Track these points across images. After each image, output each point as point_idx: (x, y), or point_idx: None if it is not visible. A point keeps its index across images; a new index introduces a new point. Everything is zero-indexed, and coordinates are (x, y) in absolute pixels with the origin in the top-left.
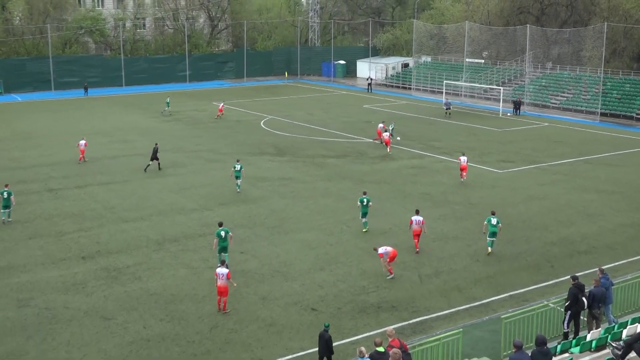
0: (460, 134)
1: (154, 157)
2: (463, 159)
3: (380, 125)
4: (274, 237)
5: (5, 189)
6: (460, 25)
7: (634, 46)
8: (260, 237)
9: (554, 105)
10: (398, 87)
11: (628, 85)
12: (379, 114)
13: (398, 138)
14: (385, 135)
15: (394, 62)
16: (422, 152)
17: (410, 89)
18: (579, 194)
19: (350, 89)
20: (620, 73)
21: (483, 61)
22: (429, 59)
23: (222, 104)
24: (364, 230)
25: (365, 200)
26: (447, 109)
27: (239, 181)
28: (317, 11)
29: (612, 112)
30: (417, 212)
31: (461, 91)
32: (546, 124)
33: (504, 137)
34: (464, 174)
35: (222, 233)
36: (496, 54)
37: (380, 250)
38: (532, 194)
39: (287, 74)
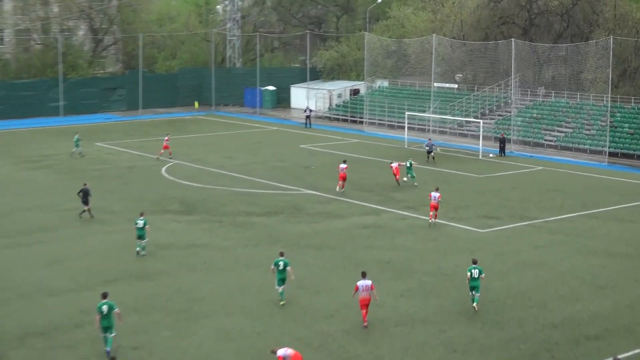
0: (428, 182)
1: (85, 200)
2: (435, 195)
3: (394, 165)
4: (180, 325)
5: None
6: (426, 40)
7: None
8: (160, 325)
9: (549, 143)
10: (346, 120)
11: None
12: (322, 157)
13: (405, 179)
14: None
15: (340, 88)
16: (379, 206)
17: (361, 122)
18: (585, 258)
19: (282, 124)
20: (633, 101)
21: (456, 86)
22: (385, 83)
23: (167, 136)
24: (280, 302)
25: (281, 263)
26: (429, 153)
27: (142, 242)
28: (237, 21)
29: (624, 151)
30: (364, 275)
31: (429, 126)
32: (539, 167)
33: (486, 185)
34: (435, 213)
35: (104, 308)
36: (473, 77)
37: (280, 352)
38: (524, 259)
39: (198, 104)
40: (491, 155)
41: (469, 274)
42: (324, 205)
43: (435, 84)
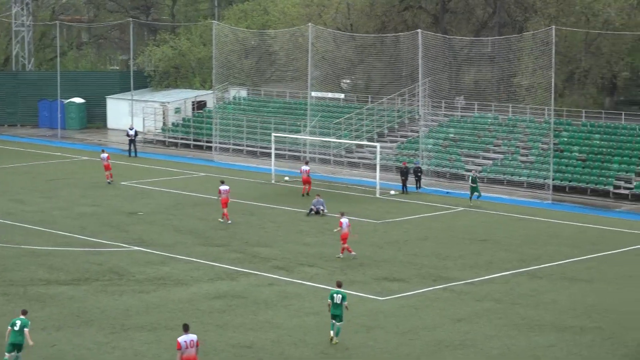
0: (305, 232)
1: None
2: (344, 221)
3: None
4: None
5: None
6: (300, 32)
7: (604, 67)
8: None
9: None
10: (187, 145)
11: (597, 135)
12: (154, 198)
13: (470, 203)
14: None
15: (179, 100)
16: (237, 267)
17: (210, 148)
18: (524, 335)
19: (95, 151)
20: (584, 115)
21: (343, 96)
22: (243, 93)
23: (105, 154)
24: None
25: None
26: (317, 214)
27: None
28: (27, 4)
29: (573, 184)
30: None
31: (305, 151)
32: (459, 208)
33: (387, 234)
34: (345, 245)
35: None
36: (366, 84)
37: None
38: (440, 338)
39: None
40: (393, 192)
41: (329, 300)
42: (157, 267)
43: (314, 94)
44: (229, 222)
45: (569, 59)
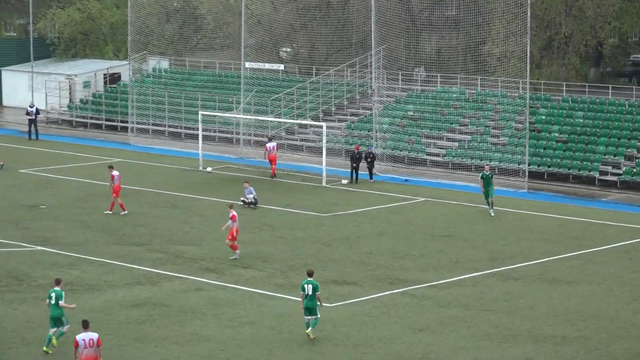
0: (247, 224)
1: None
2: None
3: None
4: None
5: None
6: None
7: (588, 33)
8: None
9: (434, 159)
10: (98, 125)
11: (581, 112)
12: (59, 189)
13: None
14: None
15: (88, 73)
16: (158, 269)
17: (125, 129)
18: (497, 347)
19: None
20: (564, 89)
21: (282, 67)
22: (165, 63)
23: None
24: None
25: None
26: (250, 204)
27: None
28: None
29: (552, 169)
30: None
31: (237, 133)
32: (420, 198)
33: (336, 230)
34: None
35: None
36: (309, 53)
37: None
38: (399, 351)
39: None
40: (344, 181)
41: (302, 291)
42: (64, 270)
43: (248, 65)
44: (125, 212)
45: (547, 23)
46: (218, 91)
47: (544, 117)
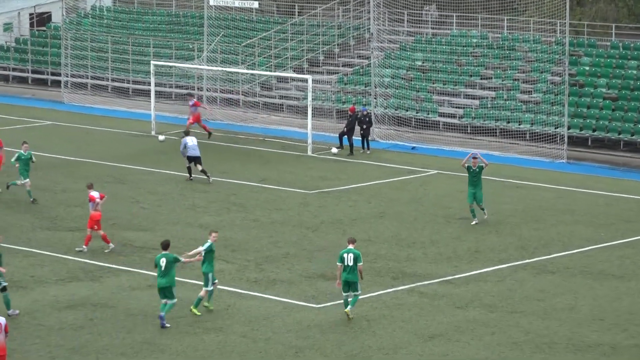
0: (194, 206)
1: None
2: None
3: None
4: None
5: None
6: None
7: None
8: None
9: (448, 121)
10: (24, 79)
11: (634, 62)
12: None
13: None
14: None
15: (10, 12)
16: (98, 261)
17: (58, 83)
18: (529, 357)
19: None
20: (614, 31)
21: (256, 5)
22: (108, 0)
23: None
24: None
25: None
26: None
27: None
28: None
29: (597, 134)
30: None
31: (200, 89)
32: (432, 170)
33: (324, 211)
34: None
35: (163, 261)
36: None
37: None
38: None
39: None
40: (334, 149)
41: (340, 263)
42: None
43: (213, 2)
44: (111, 246)
45: None
46: (175, 35)
47: (587, 68)
